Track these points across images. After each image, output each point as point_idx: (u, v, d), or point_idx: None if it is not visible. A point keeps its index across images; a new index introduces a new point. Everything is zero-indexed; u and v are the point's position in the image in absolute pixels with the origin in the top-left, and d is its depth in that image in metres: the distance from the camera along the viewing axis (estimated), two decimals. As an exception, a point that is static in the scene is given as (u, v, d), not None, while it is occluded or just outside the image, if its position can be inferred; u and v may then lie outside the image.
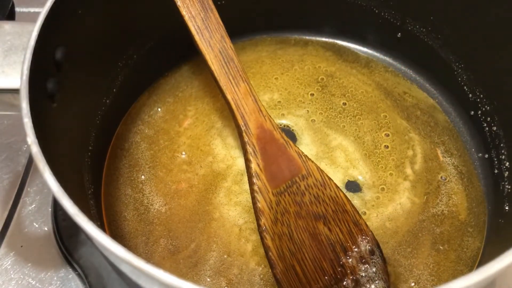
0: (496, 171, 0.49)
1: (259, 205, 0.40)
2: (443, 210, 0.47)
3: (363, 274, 0.41)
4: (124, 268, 0.31)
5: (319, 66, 0.58)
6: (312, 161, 0.43)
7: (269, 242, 0.40)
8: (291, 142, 0.43)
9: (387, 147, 0.51)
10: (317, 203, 0.42)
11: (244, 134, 0.42)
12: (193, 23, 0.42)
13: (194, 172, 0.49)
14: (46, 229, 0.48)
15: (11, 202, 0.49)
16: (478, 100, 0.51)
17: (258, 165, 0.41)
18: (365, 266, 0.41)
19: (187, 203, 0.47)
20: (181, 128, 0.52)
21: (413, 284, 0.43)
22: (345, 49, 0.60)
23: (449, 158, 0.51)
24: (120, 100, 0.51)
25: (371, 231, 0.43)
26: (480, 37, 0.49)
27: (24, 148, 0.53)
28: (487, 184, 0.50)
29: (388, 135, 0.52)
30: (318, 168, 0.43)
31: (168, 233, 0.45)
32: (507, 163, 0.48)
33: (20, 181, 0.50)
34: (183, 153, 0.50)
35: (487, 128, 0.51)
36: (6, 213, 0.48)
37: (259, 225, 0.40)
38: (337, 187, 0.43)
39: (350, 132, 0.52)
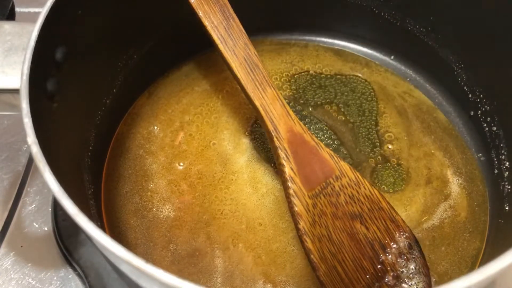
0: (496, 171, 0.49)
1: (296, 209, 0.40)
2: (443, 210, 0.47)
3: (404, 270, 0.41)
4: (124, 268, 0.31)
5: (319, 66, 0.58)
6: (344, 162, 0.43)
7: (309, 245, 0.40)
8: (322, 144, 0.43)
9: (388, 146, 0.51)
10: (353, 203, 0.42)
11: (275, 139, 0.42)
12: (216, 32, 0.42)
13: (195, 181, 0.49)
14: (46, 229, 0.48)
15: (11, 202, 0.49)
16: (478, 100, 0.51)
17: (292, 169, 0.41)
18: (405, 261, 0.41)
19: (189, 212, 0.47)
20: (177, 141, 0.51)
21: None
22: (345, 49, 0.60)
23: (449, 158, 0.51)
24: (120, 100, 0.51)
25: (408, 227, 0.43)
26: (480, 37, 0.49)
27: (24, 148, 0.53)
28: (487, 184, 0.50)
29: (388, 135, 0.52)
30: (350, 167, 0.43)
31: (176, 239, 0.45)
32: (507, 163, 0.48)
33: (20, 181, 0.50)
34: (181, 163, 0.50)
35: (487, 128, 0.51)
36: (6, 213, 0.48)
37: (298, 229, 0.40)
38: (371, 185, 0.43)
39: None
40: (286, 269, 0.44)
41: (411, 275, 0.41)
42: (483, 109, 0.51)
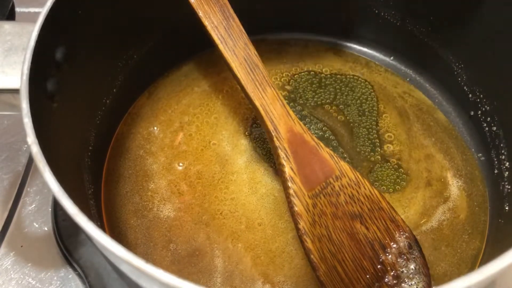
0: (496, 171, 0.49)
1: (296, 209, 0.40)
2: (443, 210, 0.47)
3: (404, 270, 0.41)
4: (124, 268, 0.31)
5: (319, 66, 0.58)
6: (344, 161, 0.43)
7: (309, 245, 0.40)
8: (322, 144, 0.43)
9: (388, 147, 0.51)
10: (353, 203, 0.42)
11: (275, 139, 0.42)
12: (216, 32, 0.43)
13: (194, 181, 0.49)
14: (46, 229, 0.48)
15: (11, 202, 0.49)
16: (478, 100, 0.51)
17: (292, 169, 0.41)
18: (405, 261, 0.41)
19: (189, 212, 0.47)
20: (177, 141, 0.51)
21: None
22: (345, 49, 0.60)
23: (449, 160, 0.51)
24: (120, 100, 0.51)
25: (408, 227, 0.43)
26: (480, 37, 0.49)
27: (24, 148, 0.53)
28: (487, 184, 0.50)
29: (388, 135, 0.52)
30: (350, 167, 0.43)
31: (176, 239, 0.45)
32: (507, 163, 0.48)
33: (20, 181, 0.50)
34: (181, 164, 0.50)
35: (487, 128, 0.51)
36: (6, 213, 0.48)
37: (298, 229, 0.40)
38: (371, 185, 0.43)
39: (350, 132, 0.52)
40: (285, 269, 0.44)
41: (411, 275, 0.41)
42: (483, 109, 0.51)
